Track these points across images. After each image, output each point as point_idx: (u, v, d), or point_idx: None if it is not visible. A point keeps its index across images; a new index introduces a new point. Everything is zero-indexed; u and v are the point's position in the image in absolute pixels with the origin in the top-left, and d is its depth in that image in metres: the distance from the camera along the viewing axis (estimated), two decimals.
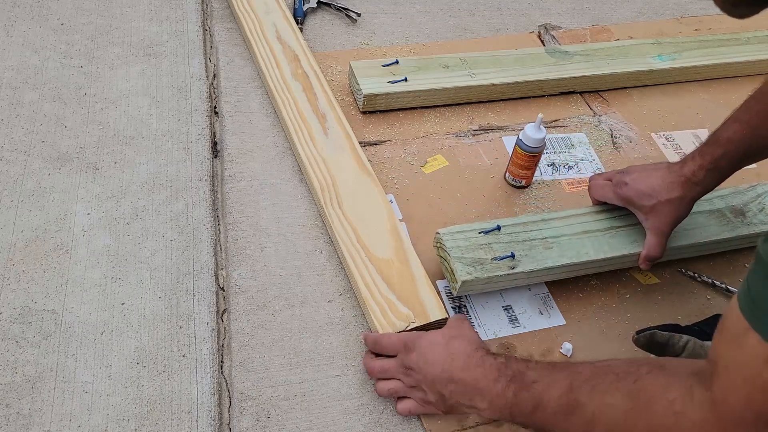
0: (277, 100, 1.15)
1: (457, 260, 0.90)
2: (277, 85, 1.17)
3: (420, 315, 0.89)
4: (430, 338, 0.80)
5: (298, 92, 1.16)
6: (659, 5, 1.59)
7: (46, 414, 0.79)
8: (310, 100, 1.15)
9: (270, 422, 0.82)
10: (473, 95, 1.24)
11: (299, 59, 1.22)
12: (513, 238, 0.94)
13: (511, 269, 0.91)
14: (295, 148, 1.09)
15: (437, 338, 0.80)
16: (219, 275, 0.95)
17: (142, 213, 1.00)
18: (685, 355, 0.83)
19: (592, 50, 1.33)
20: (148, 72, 1.21)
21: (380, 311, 0.89)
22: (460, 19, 1.46)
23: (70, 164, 1.04)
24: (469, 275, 0.89)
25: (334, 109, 1.14)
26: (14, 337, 0.85)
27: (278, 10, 1.31)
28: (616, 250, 0.95)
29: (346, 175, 1.04)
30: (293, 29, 1.27)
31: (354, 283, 0.94)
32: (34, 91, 1.14)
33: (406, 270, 0.94)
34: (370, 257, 0.94)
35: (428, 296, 0.91)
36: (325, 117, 1.13)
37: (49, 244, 0.94)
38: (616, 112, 1.29)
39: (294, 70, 1.20)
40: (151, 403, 0.81)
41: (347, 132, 1.11)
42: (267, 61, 1.21)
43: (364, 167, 1.06)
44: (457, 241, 0.93)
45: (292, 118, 1.12)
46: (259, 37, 1.25)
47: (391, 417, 0.84)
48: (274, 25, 1.28)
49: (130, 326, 0.88)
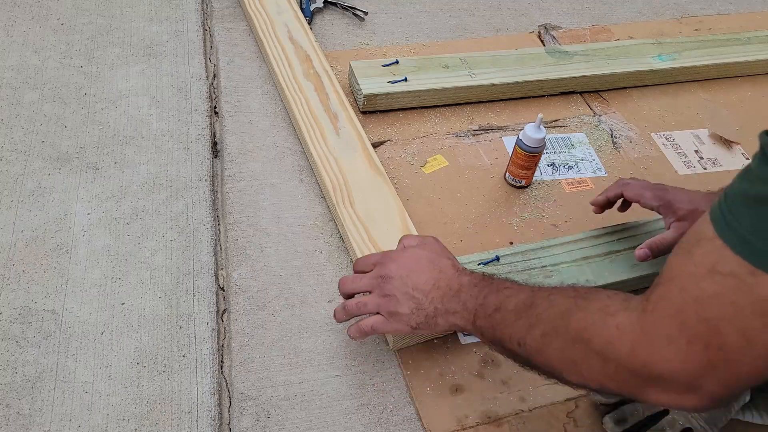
0: (289, 99, 1.15)
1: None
2: (289, 84, 1.18)
3: None
4: (415, 252, 0.82)
5: (310, 92, 1.17)
6: (659, 5, 1.59)
7: (46, 414, 0.79)
8: (322, 100, 1.15)
9: (270, 422, 0.82)
10: (473, 95, 1.24)
11: (311, 59, 1.22)
12: (512, 267, 0.94)
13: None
14: (306, 148, 1.10)
15: (422, 253, 0.81)
16: (219, 275, 0.95)
17: (142, 213, 1.00)
18: None
19: (592, 50, 1.33)
20: (148, 72, 1.21)
21: None
22: (460, 19, 1.46)
23: (70, 164, 1.04)
24: None
25: (345, 109, 1.14)
26: (14, 337, 0.85)
27: (290, 10, 1.32)
28: (616, 275, 0.95)
29: (357, 175, 1.05)
30: (305, 30, 1.28)
31: None
32: (34, 91, 1.14)
33: None
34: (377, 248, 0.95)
35: None
36: (337, 117, 1.13)
37: (49, 244, 0.94)
38: (616, 112, 1.29)
39: (306, 70, 1.20)
40: (151, 403, 0.81)
41: (359, 132, 1.11)
42: (279, 61, 1.22)
43: (375, 167, 1.06)
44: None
45: (305, 118, 1.12)
46: (271, 36, 1.26)
47: (391, 417, 0.84)
48: (285, 25, 1.28)
49: (130, 326, 0.88)
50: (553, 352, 0.65)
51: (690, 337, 0.53)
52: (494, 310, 0.72)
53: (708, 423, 0.80)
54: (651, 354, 0.55)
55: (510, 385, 0.88)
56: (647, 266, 0.96)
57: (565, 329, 0.63)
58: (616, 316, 0.59)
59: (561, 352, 0.64)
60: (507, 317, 0.70)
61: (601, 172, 1.17)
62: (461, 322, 0.76)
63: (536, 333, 0.66)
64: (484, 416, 0.84)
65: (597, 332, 0.60)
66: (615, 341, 0.58)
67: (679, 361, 0.53)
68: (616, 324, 0.58)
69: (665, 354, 0.54)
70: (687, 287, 0.53)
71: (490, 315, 0.72)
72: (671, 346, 0.54)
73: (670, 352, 0.54)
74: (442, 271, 0.79)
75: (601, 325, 0.60)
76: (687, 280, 0.54)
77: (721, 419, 0.80)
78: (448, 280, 0.78)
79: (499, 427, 0.84)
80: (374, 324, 0.81)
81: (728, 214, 0.52)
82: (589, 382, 0.62)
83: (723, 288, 0.51)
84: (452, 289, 0.77)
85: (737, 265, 0.50)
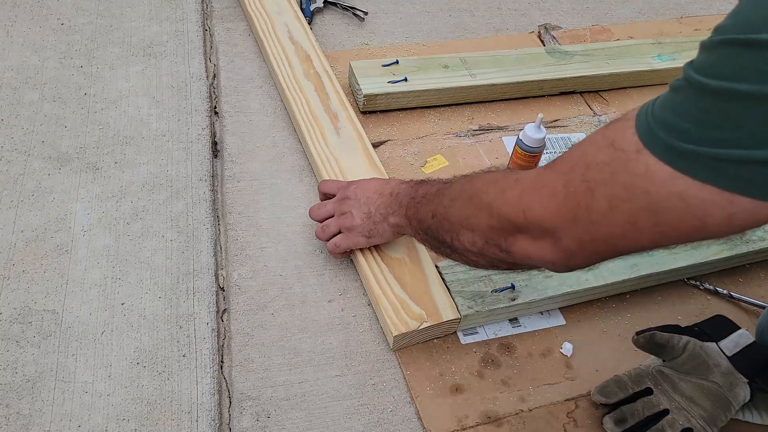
0: (290, 99, 1.15)
1: (457, 294, 0.91)
2: (289, 84, 1.17)
3: (432, 314, 0.89)
4: (369, 179, 0.94)
5: (310, 92, 1.16)
6: (659, 5, 1.59)
7: (46, 414, 0.79)
8: (322, 101, 1.15)
9: (270, 422, 0.82)
10: (473, 95, 1.24)
11: (311, 59, 1.22)
12: None
13: (512, 301, 0.91)
14: (307, 148, 1.10)
15: (375, 179, 0.93)
16: (219, 275, 0.95)
17: (142, 213, 1.00)
18: (685, 356, 0.83)
19: (592, 50, 1.33)
20: (148, 72, 1.21)
21: (393, 310, 0.89)
22: (460, 19, 1.46)
23: (70, 164, 1.04)
24: (470, 309, 0.89)
25: (346, 109, 1.14)
26: (14, 337, 0.85)
27: (290, 10, 1.31)
28: (616, 275, 0.95)
29: (358, 175, 1.04)
30: (305, 30, 1.28)
31: (366, 282, 0.94)
32: (34, 91, 1.14)
33: (417, 269, 0.94)
34: (382, 257, 0.95)
35: (440, 296, 0.91)
36: (338, 117, 1.13)
37: (49, 244, 0.94)
38: (616, 112, 1.29)
39: (306, 71, 1.20)
40: (151, 403, 0.81)
41: (359, 132, 1.11)
42: (279, 61, 1.21)
43: (375, 167, 1.06)
44: (456, 275, 0.93)
45: (305, 118, 1.12)
46: (272, 36, 1.26)
47: (391, 417, 0.84)
48: (286, 25, 1.28)
49: (130, 326, 0.88)
50: (454, 212, 0.73)
51: (569, 193, 0.57)
52: (422, 196, 0.81)
53: (708, 423, 0.80)
54: (531, 200, 0.61)
55: (510, 385, 0.88)
56: (647, 266, 0.96)
57: (469, 188, 0.71)
58: (518, 173, 0.66)
59: (459, 210, 0.72)
60: (429, 198, 0.79)
61: None
62: (399, 219, 0.85)
63: (445, 200, 0.75)
64: (484, 416, 0.85)
65: (497, 185, 0.67)
66: (508, 188, 0.65)
67: (552, 211, 0.59)
68: (516, 177, 0.65)
69: (544, 202, 0.60)
70: (587, 153, 0.57)
71: (418, 202, 0.81)
72: (552, 197, 0.59)
73: (549, 201, 0.59)
74: (388, 182, 0.90)
75: (503, 179, 0.67)
76: (589, 147, 0.57)
77: (721, 419, 0.80)
78: (392, 187, 0.88)
79: (499, 427, 0.84)
80: (336, 241, 0.93)
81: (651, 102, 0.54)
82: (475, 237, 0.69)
83: (611, 159, 0.54)
84: (393, 193, 0.87)
85: (631, 142, 0.52)
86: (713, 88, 0.47)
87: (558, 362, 0.91)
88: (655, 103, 0.53)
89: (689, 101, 0.49)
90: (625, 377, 0.86)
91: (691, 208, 0.50)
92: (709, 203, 0.49)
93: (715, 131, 0.47)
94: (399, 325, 0.87)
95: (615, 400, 0.84)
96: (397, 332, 0.87)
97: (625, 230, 0.54)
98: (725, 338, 0.84)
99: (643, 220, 0.53)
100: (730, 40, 0.47)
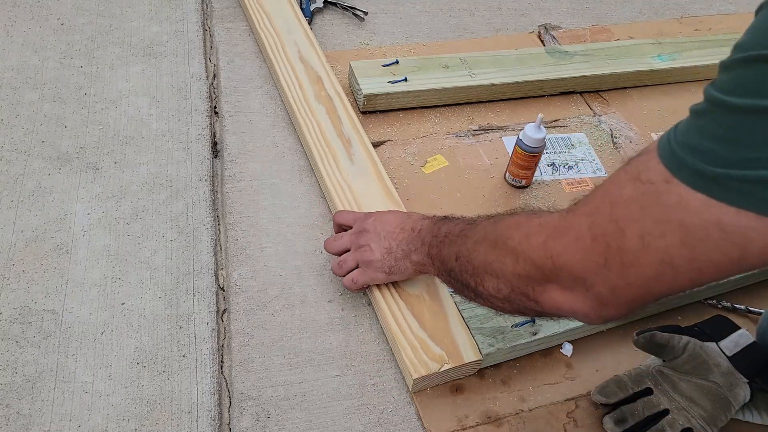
0: (300, 123, 1.11)
1: (476, 331, 0.87)
2: (300, 107, 1.13)
3: (453, 356, 0.85)
4: (388, 211, 0.91)
5: (321, 115, 1.12)
6: (659, 5, 1.59)
7: (46, 414, 0.79)
8: (334, 124, 1.11)
9: (270, 422, 0.82)
10: (473, 95, 1.24)
11: (322, 81, 1.18)
12: None
13: (533, 335, 0.87)
14: (319, 174, 1.06)
15: (394, 212, 0.91)
16: (219, 275, 0.95)
17: (142, 213, 1.00)
18: (685, 356, 0.83)
19: (592, 50, 1.33)
20: (148, 72, 1.21)
21: (411, 350, 0.85)
22: (460, 19, 1.46)
23: (70, 164, 1.04)
24: (491, 347, 0.86)
25: (358, 132, 1.10)
26: (14, 337, 0.85)
27: (300, 29, 1.27)
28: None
29: (372, 203, 1.00)
30: (316, 49, 1.23)
31: (384, 320, 0.89)
32: (34, 91, 1.14)
33: (437, 306, 0.90)
34: (400, 293, 0.91)
35: (461, 335, 0.87)
36: (350, 142, 1.09)
37: (49, 244, 0.94)
38: (616, 112, 1.29)
39: (317, 92, 1.16)
40: (151, 403, 0.81)
41: (373, 158, 1.07)
42: (290, 83, 1.17)
43: (390, 195, 1.02)
44: (474, 310, 0.89)
45: (317, 143, 1.08)
46: (281, 56, 1.22)
47: (391, 417, 0.84)
48: (295, 44, 1.24)
49: (130, 326, 0.88)
50: (478, 256, 0.69)
51: (596, 235, 0.54)
52: (444, 235, 0.77)
53: (708, 423, 0.80)
54: (557, 246, 0.57)
55: (510, 385, 0.88)
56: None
57: (493, 232, 0.68)
58: (541, 216, 0.62)
59: (484, 255, 0.68)
60: (451, 238, 0.76)
61: (601, 172, 1.17)
62: (421, 257, 0.82)
63: (469, 243, 0.71)
64: (484, 416, 0.84)
65: (521, 230, 0.63)
66: (533, 234, 0.61)
67: (580, 256, 0.55)
68: (540, 222, 0.62)
69: (571, 247, 0.56)
70: (610, 191, 0.54)
71: (440, 241, 0.78)
72: (578, 241, 0.55)
73: (576, 246, 0.55)
74: (410, 216, 0.87)
75: (526, 223, 0.63)
76: (613, 185, 0.54)
77: (721, 419, 0.80)
78: (413, 222, 0.85)
79: (499, 427, 0.84)
80: (353, 277, 0.89)
81: (671, 130, 0.51)
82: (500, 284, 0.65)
83: (638, 193, 0.51)
84: (414, 229, 0.84)
85: (658, 172, 0.50)
86: (738, 105, 0.45)
87: (558, 362, 0.91)
88: (677, 130, 0.50)
89: (715, 122, 0.47)
90: (625, 377, 0.86)
91: (729, 236, 0.46)
92: (748, 230, 0.46)
93: (745, 151, 0.45)
94: (419, 367, 0.83)
95: (615, 400, 0.84)
96: (417, 375, 0.82)
97: (661, 270, 0.50)
98: (725, 338, 0.84)
99: (678, 257, 0.49)
100: (752, 57, 0.45)
